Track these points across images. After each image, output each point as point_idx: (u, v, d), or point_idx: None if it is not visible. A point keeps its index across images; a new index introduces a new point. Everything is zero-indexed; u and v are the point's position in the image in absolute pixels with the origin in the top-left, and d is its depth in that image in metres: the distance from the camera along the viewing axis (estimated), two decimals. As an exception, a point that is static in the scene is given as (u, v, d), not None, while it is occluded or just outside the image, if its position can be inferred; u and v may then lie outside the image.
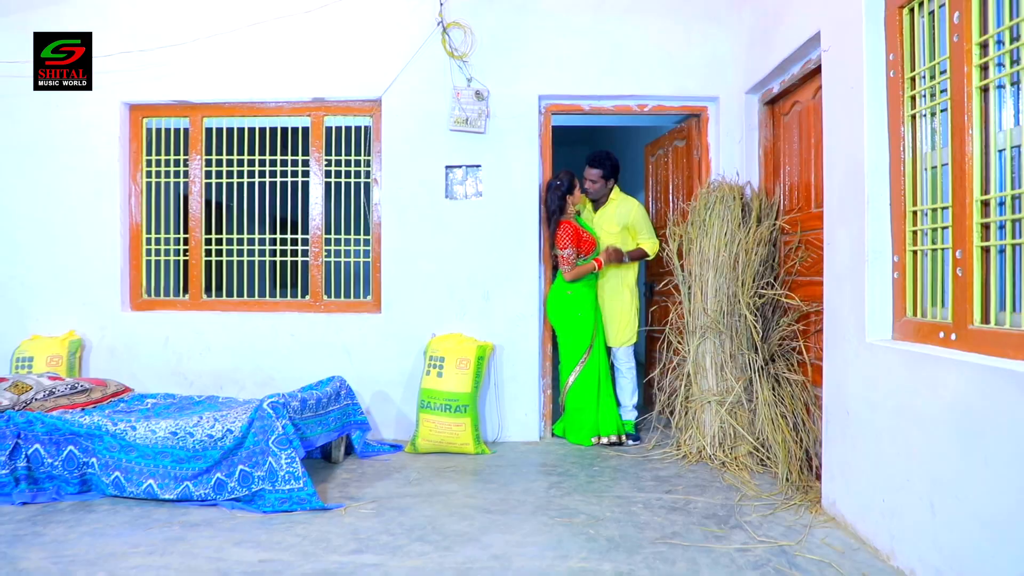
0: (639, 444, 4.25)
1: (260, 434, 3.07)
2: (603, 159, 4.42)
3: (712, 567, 2.48)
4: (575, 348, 4.24)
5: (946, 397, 2.18)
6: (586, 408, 4.23)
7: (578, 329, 4.23)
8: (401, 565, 2.51)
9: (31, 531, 2.83)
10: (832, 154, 3.01)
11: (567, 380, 4.28)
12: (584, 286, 4.26)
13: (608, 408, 4.27)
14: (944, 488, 2.18)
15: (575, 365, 4.25)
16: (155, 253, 4.60)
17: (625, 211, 4.42)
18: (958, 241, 2.28)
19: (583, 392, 4.23)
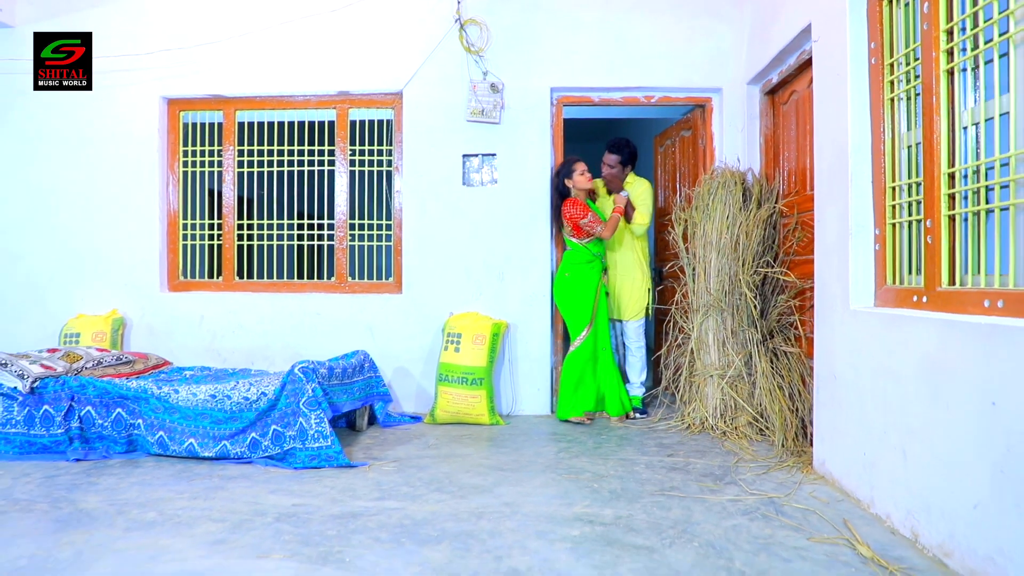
0: (646, 417, 4.45)
1: (292, 396, 3.34)
2: (622, 146, 4.59)
3: (705, 513, 2.71)
4: (576, 325, 4.37)
5: (916, 353, 2.39)
6: (577, 384, 4.34)
7: (578, 308, 4.34)
8: (420, 509, 2.76)
9: (86, 481, 3.12)
10: (821, 137, 3.23)
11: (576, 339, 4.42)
12: (585, 268, 4.37)
13: (612, 388, 4.42)
14: (914, 435, 2.40)
15: (573, 341, 4.39)
16: (190, 238, 4.91)
17: (639, 191, 4.58)
18: (928, 211, 2.50)
19: (576, 369, 4.34)
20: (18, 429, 3.48)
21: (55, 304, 4.74)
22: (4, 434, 3.48)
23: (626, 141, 4.65)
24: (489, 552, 2.33)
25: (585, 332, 4.35)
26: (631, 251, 4.63)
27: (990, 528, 1.99)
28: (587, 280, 4.37)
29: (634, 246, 4.63)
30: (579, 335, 4.37)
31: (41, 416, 3.46)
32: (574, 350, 4.36)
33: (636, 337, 4.64)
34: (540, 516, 2.69)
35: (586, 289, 4.36)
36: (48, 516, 2.67)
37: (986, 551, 2.00)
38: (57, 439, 3.44)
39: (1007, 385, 1.93)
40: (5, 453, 3.47)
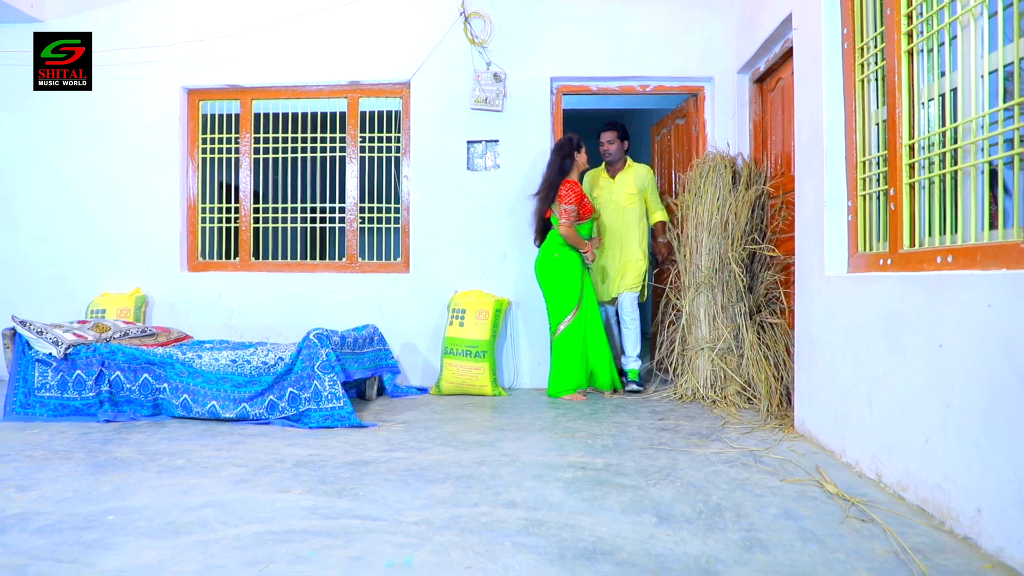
0: (642, 391, 4.67)
1: (307, 361, 3.59)
2: (614, 122, 4.88)
3: (689, 462, 2.94)
4: (562, 306, 4.46)
5: (880, 309, 2.62)
6: (569, 362, 4.46)
7: (565, 289, 4.45)
8: (426, 458, 3.00)
9: (118, 437, 3.37)
10: (800, 117, 3.46)
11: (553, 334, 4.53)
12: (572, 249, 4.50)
13: (604, 365, 4.57)
14: (877, 384, 2.62)
15: (560, 321, 4.47)
16: (209, 221, 5.18)
17: (641, 175, 4.83)
18: (891, 181, 2.72)
19: (567, 347, 4.46)
20: (52, 393, 3.74)
21: (81, 283, 5.01)
22: (39, 398, 3.74)
23: (616, 120, 4.95)
24: (489, 489, 2.57)
25: (573, 313, 4.46)
26: (634, 229, 4.81)
27: (938, 459, 2.21)
28: (576, 260, 4.50)
29: (638, 224, 4.81)
30: (567, 316, 4.45)
31: (74, 380, 3.72)
32: (564, 331, 4.46)
33: (631, 308, 4.76)
34: (536, 464, 2.92)
35: (575, 269, 4.48)
36: (86, 462, 2.93)
37: (935, 480, 2.23)
38: (88, 402, 3.70)
39: (951, 328, 2.15)
40: (40, 415, 3.72)
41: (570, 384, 4.48)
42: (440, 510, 2.34)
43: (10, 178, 5.09)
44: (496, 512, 2.32)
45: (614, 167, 4.90)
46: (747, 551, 1.98)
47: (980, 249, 2.16)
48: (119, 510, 2.34)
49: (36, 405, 3.74)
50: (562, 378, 4.48)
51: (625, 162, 4.89)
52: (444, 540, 2.07)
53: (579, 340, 4.49)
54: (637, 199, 4.81)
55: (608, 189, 4.88)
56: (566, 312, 4.46)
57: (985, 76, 2.25)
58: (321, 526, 2.19)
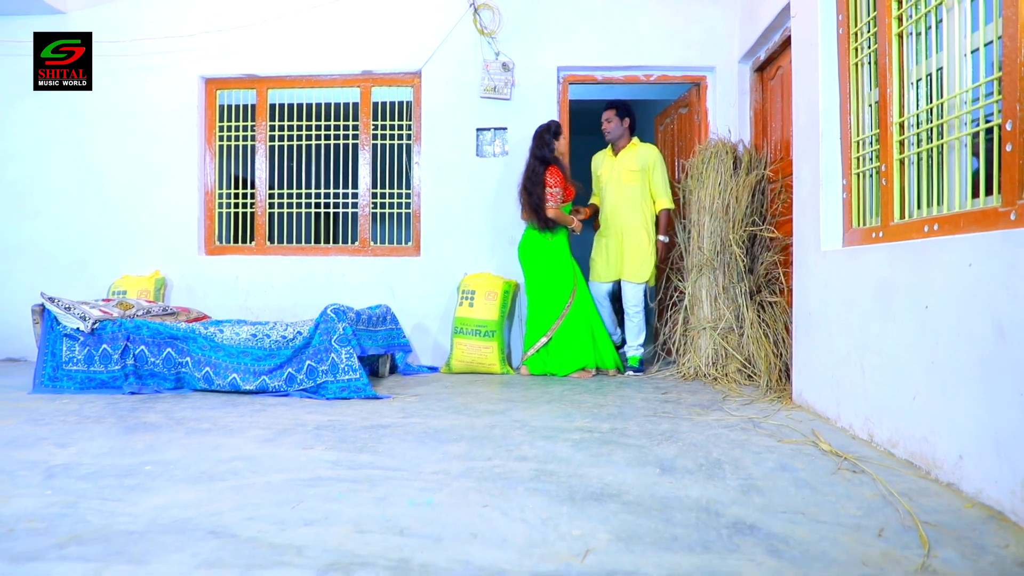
0: (639, 375, 4.70)
1: (324, 334, 3.74)
2: (613, 101, 4.84)
3: (691, 427, 3.09)
4: (558, 293, 4.57)
5: (872, 278, 2.77)
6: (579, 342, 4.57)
7: (560, 274, 4.58)
8: (440, 423, 3.16)
9: (144, 406, 3.53)
10: (798, 101, 3.60)
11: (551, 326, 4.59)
12: (563, 233, 4.66)
13: (606, 343, 4.67)
14: (869, 350, 2.77)
15: (560, 311, 4.57)
16: (225, 206, 5.34)
17: (645, 154, 4.75)
18: (883, 157, 2.87)
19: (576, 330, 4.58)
20: (79, 367, 3.90)
21: (102, 267, 5.17)
22: (67, 371, 3.90)
23: (620, 100, 4.89)
24: (501, 447, 2.72)
25: (572, 298, 4.57)
26: (636, 208, 4.74)
27: (923, 414, 2.36)
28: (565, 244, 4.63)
29: (643, 210, 4.74)
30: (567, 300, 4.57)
31: (100, 354, 3.87)
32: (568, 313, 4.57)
33: (634, 300, 4.75)
34: (545, 428, 3.08)
35: (565, 252, 4.63)
36: (117, 426, 3.08)
37: (921, 434, 2.37)
38: (114, 374, 3.86)
39: (936, 290, 2.30)
40: (67, 388, 3.88)
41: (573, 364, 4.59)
42: (456, 463, 2.49)
43: (33, 164, 5.26)
44: (508, 464, 2.47)
45: (617, 145, 4.86)
46: (744, 494, 2.13)
47: (963, 216, 2.31)
48: (154, 462, 2.49)
49: (64, 378, 3.89)
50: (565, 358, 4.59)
51: (629, 140, 4.84)
52: (461, 486, 2.22)
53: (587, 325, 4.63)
54: (638, 176, 4.74)
55: (611, 167, 4.85)
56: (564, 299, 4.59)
57: (968, 55, 2.40)
58: (345, 475, 2.34)
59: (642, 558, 1.66)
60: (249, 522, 1.88)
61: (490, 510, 1.99)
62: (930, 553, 1.68)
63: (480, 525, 1.87)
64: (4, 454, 2.60)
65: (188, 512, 1.96)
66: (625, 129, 4.83)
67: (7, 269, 5.28)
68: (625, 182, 4.76)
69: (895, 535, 1.79)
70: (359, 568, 1.59)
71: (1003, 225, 2.07)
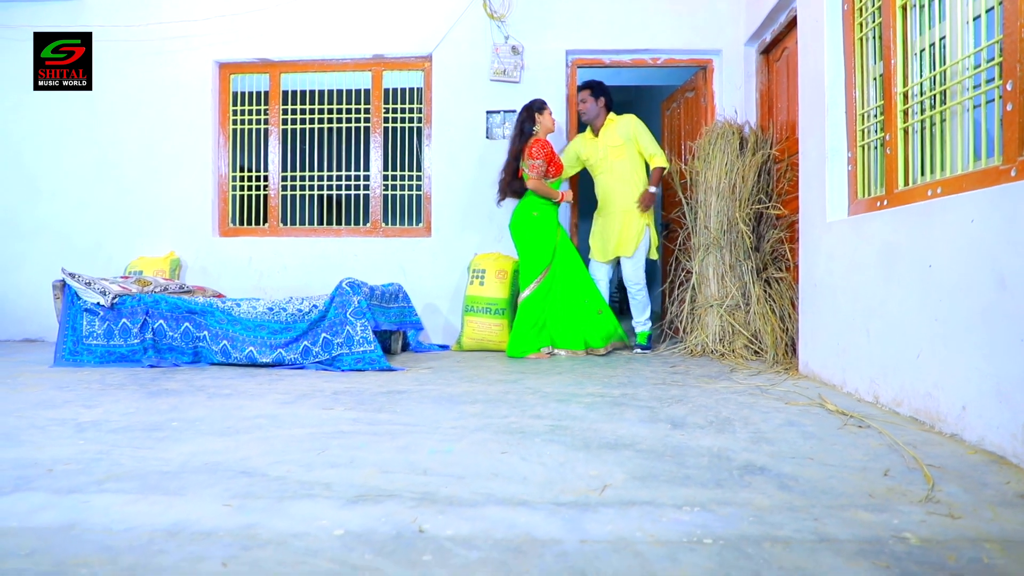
0: (646, 352, 4.73)
1: (339, 308, 3.82)
2: (588, 82, 4.74)
3: (700, 393, 3.16)
4: (533, 267, 4.49)
5: (876, 244, 2.84)
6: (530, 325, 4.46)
7: (539, 249, 4.49)
8: (455, 390, 3.23)
9: (164, 376, 3.62)
10: (804, 77, 3.67)
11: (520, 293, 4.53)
12: (549, 209, 4.54)
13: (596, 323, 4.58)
14: (874, 314, 2.84)
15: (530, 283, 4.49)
16: (239, 189, 5.42)
17: (624, 125, 4.68)
18: (887, 127, 2.94)
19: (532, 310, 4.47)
20: (99, 341, 3.98)
21: (118, 248, 5.26)
22: (87, 345, 3.98)
23: (592, 80, 4.81)
24: (516, 408, 2.79)
25: (542, 276, 4.49)
26: (629, 183, 4.69)
27: (928, 370, 2.43)
28: (552, 220, 4.54)
29: (632, 177, 4.69)
30: (535, 279, 4.47)
31: (120, 328, 3.96)
32: (530, 295, 4.47)
33: (635, 277, 4.71)
34: (558, 393, 3.15)
35: (551, 230, 4.53)
36: (140, 392, 3.17)
37: (925, 389, 2.44)
38: (133, 348, 3.94)
39: (939, 249, 2.37)
40: (87, 362, 3.96)
41: (534, 345, 4.48)
42: (472, 420, 2.57)
43: (49, 147, 5.35)
44: (524, 421, 2.54)
45: (595, 125, 4.77)
46: (754, 443, 2.20)
47: (965, 177, 2.38)
48: (180, 419, 2.57)
49: (84, 352, 3.98)
50: (523, 340, 4.47)
51: (606, 118, 4.75)
52: (479, 437, 2.30)
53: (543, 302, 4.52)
54: (624, 150, 4.67)
55: (595, 149, 4.77)
56: (536, 272, 4.48)
57: (970, 22, 2.46)
58: (366, 429, 2.42)
59: (657, 492, 1.73)
60: (277, 464, 1.96)
61: (509, 456, 2.06)
62: (934, 488, 1.75)
63: (500, 467, 1.95)
64: (34, 413, 2.68)
65: (217, 457, 2.04)
66: (601, 108, 4.74)
67: (24, 251, 5.37)
68: (613, 159, 4.69)
69: (900, 475, 1.86)
70: (387, 499, 1.67)
71: (1004, 181, 2.14)
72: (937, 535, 1.45)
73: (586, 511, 1.59)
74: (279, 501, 1.65)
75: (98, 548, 1.37)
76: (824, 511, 1.59)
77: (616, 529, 1.48)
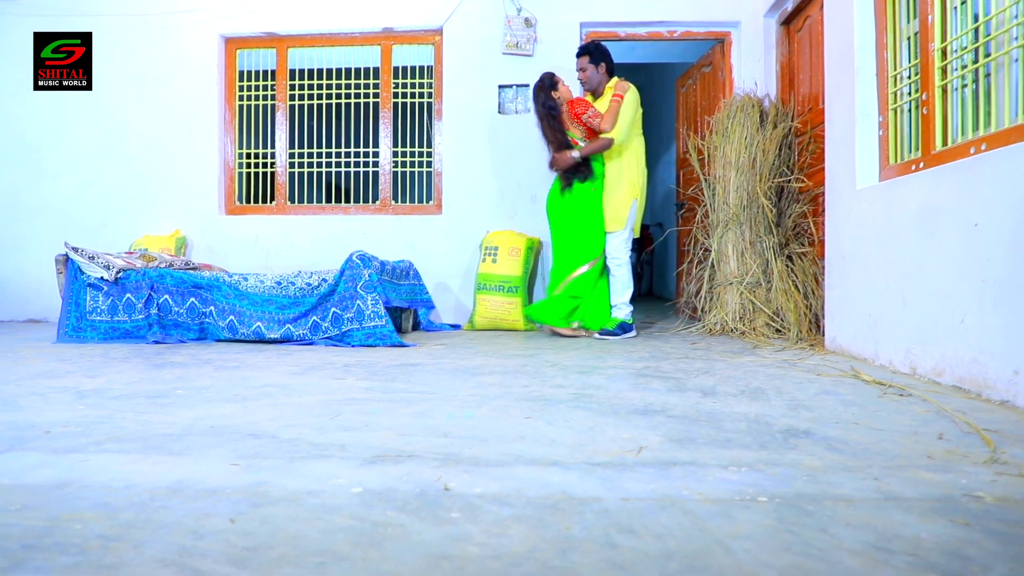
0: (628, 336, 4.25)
1: (350, 281, 3.70)
2: (586, 46, 4.33)
3: (725, 366, 3.03)
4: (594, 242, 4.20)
5: (913, 206, 2.70)
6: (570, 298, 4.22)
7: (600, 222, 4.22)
8: (471, 363, 3.11)
9: (170, 351, 3.50)
10: (831, 41, 3.53)
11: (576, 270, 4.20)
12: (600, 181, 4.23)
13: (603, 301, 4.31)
14: (911, 280, 2.70)
15: (590, 259, 4.20)
16: (246, 166, 5.30)
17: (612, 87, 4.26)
18: (923, 86, 2.80)
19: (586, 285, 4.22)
20: (103, 317, 3.87)
21: (122, 226, 5.15)
22: (91, 321, 3.87)
23: (590, 42, 4.44)
24: (535, 378, 2.67)
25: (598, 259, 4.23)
26: (616, 160, 4.29)
27: (974, 335, 2.30)
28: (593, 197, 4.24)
29: (620, 155, 4.29)
30: (596, 256, 4.20)
31: (124, 304, 3.85)
32: (588, 271, 4.19)
33: (615, 253, 4.28)
34: (578, 366, 3.03)
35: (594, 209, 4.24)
36: (145, 364, 3.05)
37: (971, 356, 2.31)
38: (138, 324, 3.83)
39: (986, 206, 2.23)
40: (91, 338, 3.85)
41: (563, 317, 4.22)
42: (492, 389, 2.44)
43: (52, 125, 5.23)
44: (545, 390, 2.42)
45: (597, 93, 4.38)
46: (792, 410, 2.07)
47: (1014, 130, 2.24)
48: (185, 387, 2.46)
49: (87, 329, 3.87)
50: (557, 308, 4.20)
51: (606, 84, 4.35)
52: (499, 404, 2.17)
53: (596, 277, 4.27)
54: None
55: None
56: (598, 250, 4.21)
57: (1020, -35, 2.32)
58: (380, 397, 2.30)
59: (698, 453, 1.61)
60: (288, 428, 1.84)
61: (533, 420, 1.94)
62: (996, 450, 1.62)
63: (525, 430, 1.83)
64: (33, 382, 2.57)
65: (224, 422, 1.92)
66: (603, 75, 4.32)
67: (27, 230, 5.26)
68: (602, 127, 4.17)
69: (955, 439, 1.74)
70: (407, 459, 1.55)
71: (1062, 129, 2.00)
72: (1013, 494, 1.32)
73: (624, 471, 1.47)
74: (290, 462, 1.54)
75: (94, 504, 1.26)
76: (883, 471, 1.47)
77: (659, 488, 1.36)
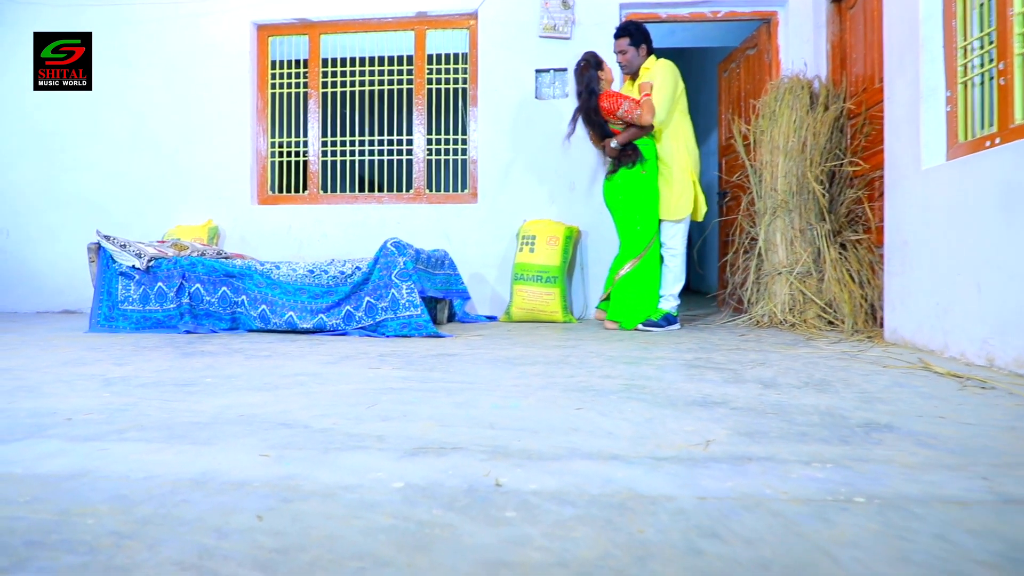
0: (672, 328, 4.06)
1: (384, 269, 3.58)
2: (626, 26, 4.09)
3: (781, 358, 2.85)
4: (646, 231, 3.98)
5: (991, 185, 2.49)
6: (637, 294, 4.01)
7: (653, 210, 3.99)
8: (511, 353, 2.96)
9: (200, 340, 3.41)
10: (891, 15, 3.31)
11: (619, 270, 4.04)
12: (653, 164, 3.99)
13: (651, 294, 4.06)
14: (989, 265, 2.50)
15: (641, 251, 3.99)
16: (278, 155, 5.21)
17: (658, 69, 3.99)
18: (1001, 55, 2.59)
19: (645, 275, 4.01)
20: (134, 306, 3.80)
21: (155, 216, 5.09)
22: (122, 311, 3.80)
23: (630, 21, 4.16)
24: (581, 368, 2.52)
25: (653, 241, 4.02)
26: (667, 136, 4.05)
27: (1064, 321, 2.10)
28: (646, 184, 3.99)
29: (673, 136, 4.05)
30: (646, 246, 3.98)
31: (155, 293, 3.77)
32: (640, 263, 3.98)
33: (671, 242, 4.08)
34: (623, 356, 2.87)
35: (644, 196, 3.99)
36: (176, 353, 2.96)
37: (1060, 345, 2.11)
38: (169, 313, 3.75)
39: (1082, 179, 2.03)
40: (123, 328, 3.78)
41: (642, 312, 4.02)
42: (536, 379, 2.30)
43: (85, 116, 5.19)
44: (593, 380, 2.27)
45: (635, 79, 4.16)
46: (866, 403, 1.90)
47: (1114, 96, 2.03)
48: (215, 376, 2.35)
49: (119, 318, 3.80)
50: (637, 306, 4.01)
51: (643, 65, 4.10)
52: (546, 395, 2.03)
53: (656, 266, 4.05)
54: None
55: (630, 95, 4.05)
56: (648, 238, 3.97)
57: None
58: (418, 386, 2.16)
59: (773, 448, 1.45)
60: (322, 418, 1.72)
61: (585, 411, 1.79)
62: (1113, 446, 1.44)
63: (577, 422, 1.68)
64: (61, 369, 2.48)
65: (254, 410, 1.80)
66: (643, 58, 4.09)
67: (60, 222, 5.23)
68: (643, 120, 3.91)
69: (1061, 433, 1.55)
70: (451, 451, 1.41)
71: None
72: None
73: (694, 467, 1.32)
74: (324, 453, 1.40)
75: (110, 496, 1.14)
76: (990, 470, 1.29)
77: (738, 486, 1.20)
